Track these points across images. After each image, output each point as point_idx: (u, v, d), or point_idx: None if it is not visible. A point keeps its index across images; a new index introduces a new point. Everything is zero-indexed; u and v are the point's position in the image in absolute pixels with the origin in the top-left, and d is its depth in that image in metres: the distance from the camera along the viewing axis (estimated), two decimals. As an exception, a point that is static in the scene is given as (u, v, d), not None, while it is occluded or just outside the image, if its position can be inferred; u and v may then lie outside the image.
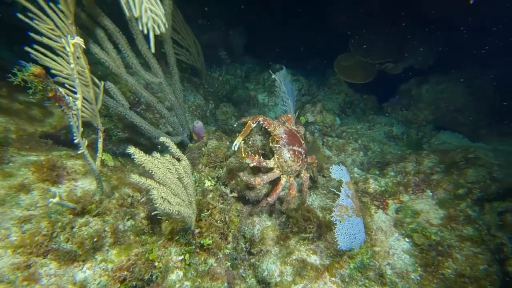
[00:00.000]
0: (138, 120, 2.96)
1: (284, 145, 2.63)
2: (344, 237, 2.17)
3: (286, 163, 2.64)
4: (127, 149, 1.40)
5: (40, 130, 2.35)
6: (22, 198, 1.67)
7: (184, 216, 1.68)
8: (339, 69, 5.92)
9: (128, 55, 2.88)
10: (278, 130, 2.72)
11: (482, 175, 2.49)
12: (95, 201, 1.81)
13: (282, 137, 2.66)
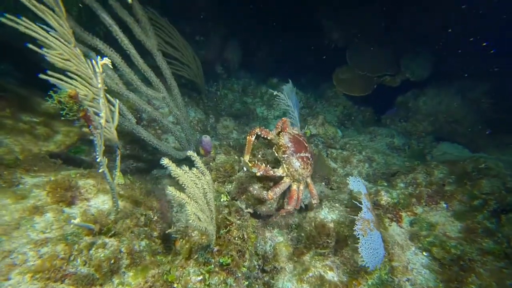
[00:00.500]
0: (146, 135, 2.88)
1: (292, 154, 2.60)
2: (367, 253, 2.11)
3: (297, 171, 2.61)
4: (161, 160, 1.35)
5: (45, 150, 2.25)
6: (36, 221, 1.57)
7: (209, 234, 1.60)
8: (337, 82, 6.03)
9: (125, 72, 2.85)
10: (283, 140, 2.69)
11: (496, 186, 2.50)
12: (111, 221, 1.71)
13: (288, 146, 2.63)
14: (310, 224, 2.95)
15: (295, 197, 2.64)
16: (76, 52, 1.71)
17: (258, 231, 2.85)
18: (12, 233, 1.49)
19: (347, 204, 3.04)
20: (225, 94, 7.68)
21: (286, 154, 2.60)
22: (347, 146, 4.71)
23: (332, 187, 3.88)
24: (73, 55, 1.68)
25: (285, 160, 2.61)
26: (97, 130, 1.37)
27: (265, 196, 2.50)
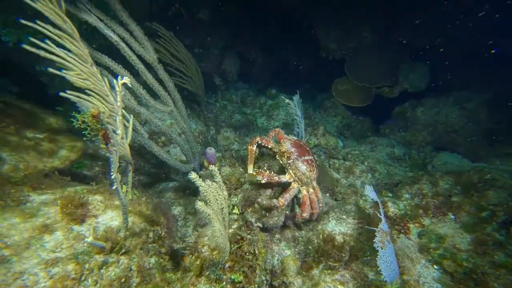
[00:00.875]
0: (156, 149, 2.86)
1: (296, 159, 2.63)
2: (385, 266, 2.07)
3: (305, 174, 2.63)
4: (189, 176, 1.34)
5: (50, 166, 2.19)
6: (46, 240, 1.51)
7: (225, 250, 1.56)
8: (336, 93, 6.10)
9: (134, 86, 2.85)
10: (286, 146, 2.73)
11: (503, 197, 2.52)
12: (120, 238, 1.65)
13: (292, 151, 2.67)
14: (318, 237, 2.91)
15: (307, 202, 2.65)
16: (93, 71, 1.71)
17: (269, 243, 2.80)
18: (23, 253, 1.43)
19: (354, 215, 3.01)
20: (225, 105, 7.71)
21: (291, 159, 2.62)
22: (349, 157, 4.72)
23: (337, 198, 3.87)
24: (91, 74, 1.67)
25: (291, 165, 2.63)
26: (113, 148, 1.35)
27: (276, 203, 2.48)
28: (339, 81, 6.08)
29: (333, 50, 6.39)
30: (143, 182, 3.91)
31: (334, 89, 6.06)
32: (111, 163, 1.37)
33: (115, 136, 1.36)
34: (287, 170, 2.72)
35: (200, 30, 7.45)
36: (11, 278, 1.32)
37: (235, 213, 2.54)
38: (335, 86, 6.09)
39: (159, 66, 3.08)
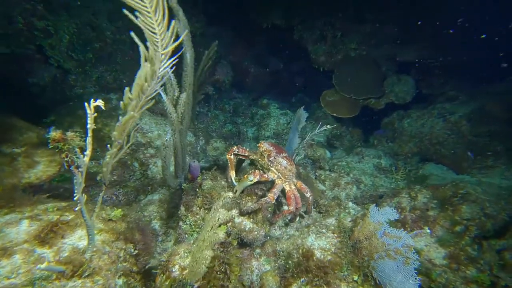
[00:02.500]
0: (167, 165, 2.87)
1: (277, 155, 2.88)
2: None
3: (287, 168, 2.87)
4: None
5: (25, 182, 2.20)
6: (2, 265, 1.48)
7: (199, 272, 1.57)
8: (325, 104, 6.18)
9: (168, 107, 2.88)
10: (264, 146, 2.95)
11: (476, 212, 2.55)
12: (85, 260, 1.65)
13: (271, 149, 2.90)
14: (297, 252, 2.92)
15: (292, 196, 2.88)
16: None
17: (244, 260, 2.79)
18: None
19: (334, 229, 3.02)
20: (216, 115, 7.76)
21: (272, 157, 2.85)
22: (335, 168, 4.75)
23: (320, 210, 3.88)
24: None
25: (273, 162, 2.86)
26: (78, 170, 1.37)
27: (268, 200, 2.66)
28: (327, 93, 6.18)
29: (323, 62, 6.50)
30: (128, 193, 3.90)
31: (322, 100, 6.14)
32: (75, 183, 1.39)
33: (81, 158, 1.38)
34: (270, 170, 2.91)
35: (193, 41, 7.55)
36: None
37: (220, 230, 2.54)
38: (323, 97, 6.18)
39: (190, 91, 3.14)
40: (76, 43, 5.75)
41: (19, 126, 2.86)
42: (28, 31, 5.15)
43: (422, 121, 5.30)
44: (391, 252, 2.03)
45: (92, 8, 6.12)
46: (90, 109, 1.48)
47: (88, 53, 6.01)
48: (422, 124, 5.26)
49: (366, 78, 5.77)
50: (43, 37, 5.30)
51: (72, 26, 5.62)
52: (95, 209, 1.64)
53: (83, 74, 6.11)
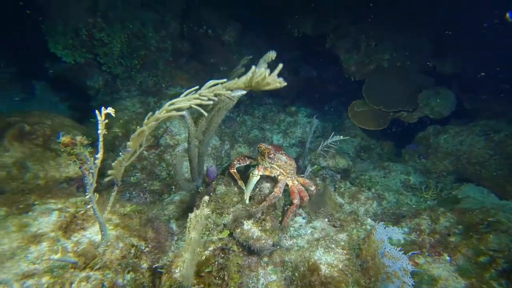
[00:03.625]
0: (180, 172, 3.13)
1: (276, 152, 3.06)
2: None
3: (287, 163, 3.06)
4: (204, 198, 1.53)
5: (65, 176, 2.55)
6: (31, 251, 1.74)
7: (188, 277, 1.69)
8: (352, 114, 6.00)
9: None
10: (263, 146, 3.12)
11: (505, 243, 2.29)
12: (98, 253, 1.87)
13: (270, 148, 3.08)
14: (304, 265, 2.90)
15: (295, 190, 3.04)
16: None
17: (250, 267, 2.85)
18: (5, 263, 1.63)
19: (343, 245, 2.94)
20: (244, 120, 7.95)
21: (272, 153, 3.03)
22: (356, 181, 4.59)
23: (335, 224, 3.78)
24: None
25: (273, 159, 3.03)
26: (88, 171, 1.58)
27: (274, 194, 2.85)
28: (356, 103, 5.99)
29: (354, 72, 6.33)
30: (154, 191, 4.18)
31: (350, 110, 5.97)
32: (86, 183, 1.60)
33: (91, 160, 1.58)
34: (271, 167, 3.08)
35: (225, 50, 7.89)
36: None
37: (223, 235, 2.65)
38: (351, 107, 6.00)
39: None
40: (126, 51, 6.42)
41: (67, 125, 3.29)
42: (89, 41, 5.90)
43: (461, 138, 4.86)
44: (391, 275, 1.94)
45: (141, 19, 6.77)
46: (100, 116, 1.67)
47: (134, 60, 6.67)
48: (461, 141, 4.83)
49: (398, 90, 5.48)
50: (99, 46, 6.01)
51: (124, 36, 6.28)
52: (107, 208, 1.85)
53: (129, 78, 6.81)
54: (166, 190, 4.33)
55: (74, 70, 6.36)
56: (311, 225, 3.63)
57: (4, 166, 2.37)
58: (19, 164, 2.41)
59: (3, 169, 2.35)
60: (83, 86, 6.54)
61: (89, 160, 1.55)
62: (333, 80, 9.00)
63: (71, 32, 5.79)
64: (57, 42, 5.51)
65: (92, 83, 6.50)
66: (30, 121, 2.69)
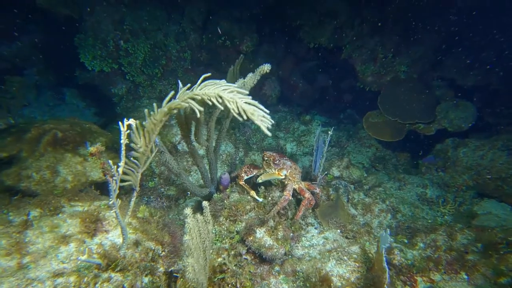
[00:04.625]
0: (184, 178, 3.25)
1: (280, 158, 3.19)
2: None
3: (292, 167, 3.21)
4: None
5: (90, 180, 2.73)
6: (61, 250, 1.89)
7: (199, 283, 1.76)
8: (367, 125, 5.95)
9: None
10: (268, 153, 3.26)
11: (525, 265, 2.22)
12: (120, 256, 1.98)
13: (274, 155, 3.22)
14: (315, 276, 2.91)
15: (304, 189, 3.23)
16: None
17: (262, 276, 2.89)
18: (39, 261, 1.78)
19: (356, 258, 2.93)
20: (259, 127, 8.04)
21: (277, 159, 3.15)
22: (370, 192, 4.54)
23: (347, 236, 3.75)
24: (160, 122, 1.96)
25: (278, 165, 3.16)
26: (112, 178, 1.71)
27: (284, 197, 2.99)
28: (371, 114, 5.95)
29: (370, 82, 6.31)
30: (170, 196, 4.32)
31: (365, 121, 5.94)
32: (110, 190, 1.73)
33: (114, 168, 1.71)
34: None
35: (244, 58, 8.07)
36: (24, 284, 1.63)
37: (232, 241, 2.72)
38: (366, 118, 5.96)
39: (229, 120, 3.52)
40: (148, 60, 6.76)
41: (94, 131, 3.50)
42: (115, 52, 6.28)
43: (482, 152, 4.71)
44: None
45: (164, 30, 7.12)
46: (123, 127, 1.81)
47: (156, 69, 7.00)
48: (481, 155, 4.68)
49: (414, 102, 5.40)
50: (124, 56, 6.38)
51: (147, 46, 6.63)
52: (128, 213, 1.97)
53: (150, 86, 7.15)
54: (182, 195, 4.47)
55: (101, 78, 6.75)
56: (324, 236, 3.64)
57: (39, 170, 2.58)
58: (52, 168, 2.61)
59: (38, 172, 2.57)
60: (108, 93, 6.93)
61: (112, 167, 1.68)
62: (348, 89, 8.98)
63: (100, 44, 6.18)
64: (87, 53, 5.90)
65: (116, 90, 6.87)
66: (62, 128, 2.91)
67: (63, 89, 7.86)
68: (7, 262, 1.72)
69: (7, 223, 1.93)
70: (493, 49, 4.91)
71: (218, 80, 1.86)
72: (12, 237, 1.85)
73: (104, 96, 7.05)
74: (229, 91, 1.70)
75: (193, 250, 1.68)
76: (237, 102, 1.62)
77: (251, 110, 1.59)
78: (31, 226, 1.93)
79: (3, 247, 1.77)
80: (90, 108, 7.95)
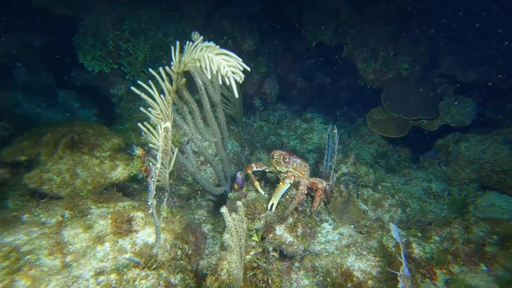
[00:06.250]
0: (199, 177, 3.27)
1: (290, 156, 3.23)
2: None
3: (301, 165, 3.25)
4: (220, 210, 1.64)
5: (108, 182, 2.69)
6: (98, 250, 1.89)
7: (238, 279, 1.77)
8: (371, 122, 6.04)
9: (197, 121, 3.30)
10: (277, 152, 3.31)
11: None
12: (153, 254, 1.98)
13: (284, 153, 3.28)
14: (336, 271, 2.95)
15: (316, 181, 3.32)
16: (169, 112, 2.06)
17: (284, 273, 2.91)
18: (80, 260, 1.82)
19: (375, 253, 2.98)
20: (261, 126, 8.05)
21: (287, 158, 3.21)
22: (379, 188, 4.61)
23: (361, 231, 3.81)
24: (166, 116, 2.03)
25: (288, 163, 3.21)
26: (152, 179, 1.70)
27: (301, 191, 3.04)
28: (375, 111, 6.03)
29: (372, 80, 6.40)
30: (181, 195, 4.29)
31: (369, 118, 6.02)
32: (149, 191, 1.72)
33: (154, 169, 1.70)
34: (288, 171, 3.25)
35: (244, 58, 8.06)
36: (70, 281, 1.69)
37: (255, 240, 2.74)
38: (370, 115, 6.05)
39: (220, 107, 3.53)
40: (148, 60, 6.65)
41: (106, 133, 3.45)
42: (115, 52, 6.15)
43: (483, 146, 4.85)
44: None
45: (163, 29, 7.00)
46: (161, 130, 1.81)
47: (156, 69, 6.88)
48: (483, 149, 4.82)
49: (418, 98, 5.51)
50: (124, 56, 6.25)
51: (147, 46, 6.51)
52: (161, 212, 1.96)
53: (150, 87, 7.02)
54: (193, 194, 4.44)
55: (99, 79, 6.60)
56: (338, 232, 3.68)
57: (60, 173, 2.52)
58: (71, 171, 2.55)
59: (59, 175, 2.51)
60: (107, 94, 6.79)
61: (152, 169, 1.67)
62: (346, 87, 9.10)
63: (100, 44, 6.05)
64: (86, 53, 5.76)
65: (115, 91, 6.73)
66: (76, 130, 2.85)
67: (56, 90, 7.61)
68: (51, 261, 1.72)
69: (41, 224, 1.90)
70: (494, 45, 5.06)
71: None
72: (50, 237, 1.83)
73: (102, 97, 6.90)
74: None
75: (233, 248, 1.68)
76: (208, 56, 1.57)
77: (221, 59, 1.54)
78: (65, 227, 1.90)
79: (45, 247, 1.75)
80: (85, 109, 7.74)
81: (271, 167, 3.47)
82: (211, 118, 3.27)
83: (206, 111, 3.13)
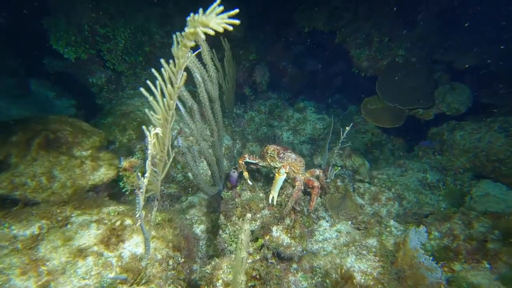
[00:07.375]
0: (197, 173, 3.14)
1: (284, 151, 3.15)
2: None
3: (296, 160, 3.16)
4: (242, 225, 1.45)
5: (91, 183, 2.44)
6: (79, 266, 1.69)
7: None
8: (366, 112, 5.91)
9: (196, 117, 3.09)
10: (271, 147, 3.21)
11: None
12: (142, 268, 1.79)
13: (278, 148, 3.18)
14: (336, 271, 2.86)
15: (311, 178, 3.19)
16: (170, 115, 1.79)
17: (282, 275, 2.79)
18: (59, 279, 1.61)
19: (375, 252, 2.90)
20: (252, 117, 7.81)
21: (281, 153, 3.12)
22: (375, 181, 4.54)
23: (359, 227, 3.74)
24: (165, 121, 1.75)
25: (283, 158, 3.12)
26: (140, 191, 1.49)
27: (298, 187, 2.91)
28: (369, 100, 5.89)
29: (366, 67, 6.21)
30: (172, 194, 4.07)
31: (363, 108, 5.88)
32: (138, 203, 1.51)
33: (142, 180, 1.49)
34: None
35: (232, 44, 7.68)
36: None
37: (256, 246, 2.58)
38: (364, 104, 5.90)
39: (218, 102, 3.30)
40: (130, 47, 6.18)
41: (86, 130, 3.15)
42: (92, 37, 5.65)
43: (479, 135, 4.81)
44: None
45: (144, 12, 6.49)
46: (150, 137, 1.58)
47: (139, 57, 6.42)
48: (478, 138, 4.78)
49: (413, 87, 5.38)
50: (103, 42, 5.77)
51: (127, 31, 6.03)
52: (151, 223, 1.76)
53: (134, 76, 6.57)
54: (183, 192, 4.23)
55: (76, 66, 6.10)
56: (336, 229, 3.59)
57: (34, 176, 2.25)
58: (48, 174, 2.29)
59: (34, 179, 2.24)
60: (86, 83, 6.31)
61: (140, 179, 1.45)
62: (338, 74, 8.89)
63: (74, 29, 5.53)
64: (59, 38, 5.25)
65: (95, 80, 6.25)
66: (51, 128, 2.55)
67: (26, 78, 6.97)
68: (24, 283, 1.50)
69: (12, 238, 1.66)
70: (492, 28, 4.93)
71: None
72: (23, 254, 1.60)
73: (81, 86, 6.40)
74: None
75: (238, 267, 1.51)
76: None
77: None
78: (42, 240, 1.68)
79: (16, 265, 1.53)
80: (61, 99, 7.18)
81: (265, 162, 3.33)
82: (209, 115, 3.07)
83: (204, 107, 2.93)
